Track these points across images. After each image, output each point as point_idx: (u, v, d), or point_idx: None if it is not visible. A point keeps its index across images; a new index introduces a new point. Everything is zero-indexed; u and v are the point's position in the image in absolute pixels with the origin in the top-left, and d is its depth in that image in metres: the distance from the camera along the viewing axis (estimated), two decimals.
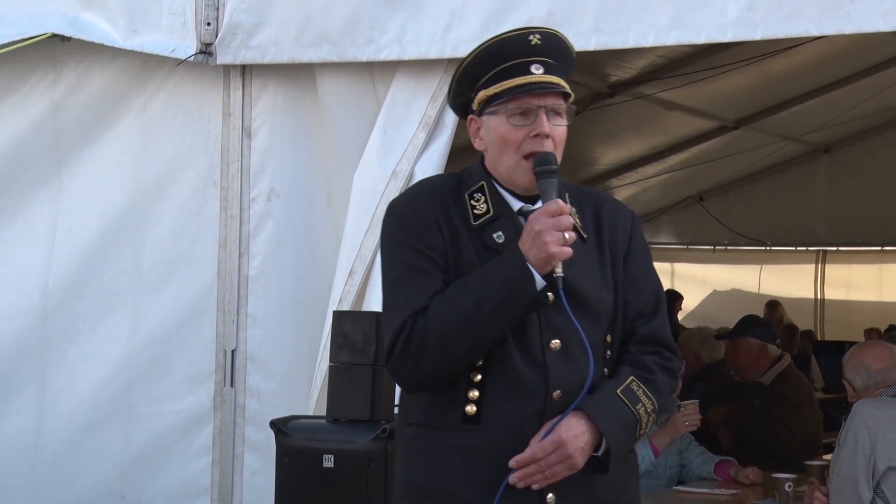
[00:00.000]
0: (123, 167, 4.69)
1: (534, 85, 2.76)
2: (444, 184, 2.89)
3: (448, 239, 2.78)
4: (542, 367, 2.73)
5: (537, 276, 2.68)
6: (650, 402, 2.78)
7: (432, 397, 2.78)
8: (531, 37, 2.79)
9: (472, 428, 2.73)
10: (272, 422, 3.95)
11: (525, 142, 2.77)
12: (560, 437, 2.68)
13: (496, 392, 2.73)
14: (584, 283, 2.78)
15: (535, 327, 2.74)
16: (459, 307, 2.70)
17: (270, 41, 4.43)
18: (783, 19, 3.84)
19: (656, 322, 2.89)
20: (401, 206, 2.87)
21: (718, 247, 12.45)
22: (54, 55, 4.73)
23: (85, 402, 4.70)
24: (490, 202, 2.81)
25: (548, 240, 2.66)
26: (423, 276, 2.75)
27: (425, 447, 2.80)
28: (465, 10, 4.16)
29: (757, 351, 6.43)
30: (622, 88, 7.80)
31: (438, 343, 2.70)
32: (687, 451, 5.60)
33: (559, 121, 2.80)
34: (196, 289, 4.64)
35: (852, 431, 4.45)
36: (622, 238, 2.89)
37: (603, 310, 2.81)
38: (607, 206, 2.93)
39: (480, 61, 2.82)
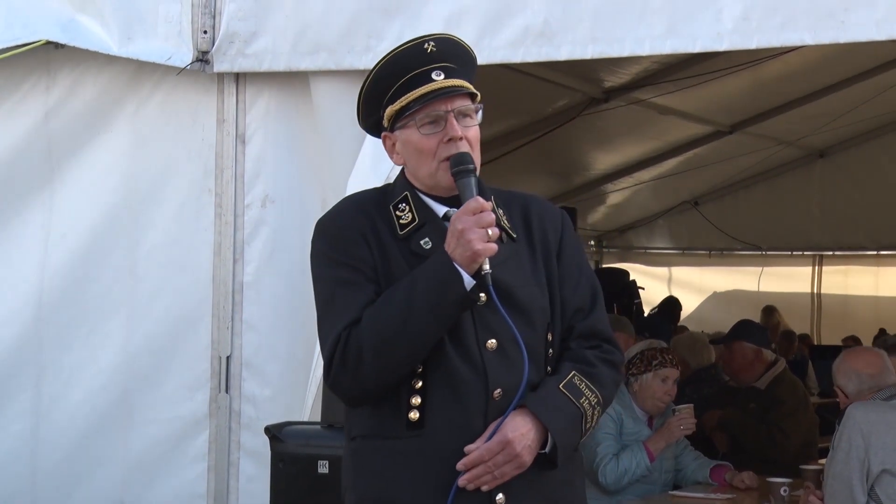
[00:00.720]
0: (117, 174, 4.70)
1: (437, 91, 2.78)
2: (368, 198, 2.92)
3: (376, 251, 2.79)
4: (481, 367, 2.75)
5: (465, 275, 2.70)
6: (594, 394, 2.80)
7: (375, 409, 2.79)
8: (426, 45, 2.82)
9: (417, 433, 2.74)
10: (267, 428, 3.95)
11: (440, 148, 2.79)
12: (506, 436, 2.69)
13: (438, 396, 2.74)
14: (516, 281, 2.80)
15: (471, 328, 2.76)
16: (391, 315, 2.71)
17: (267, 49, 4.44)
18: (778, 28, 3.85)
19: (594, 316, 2.91)
20: (326, 224, 2.89)
21: (714, 251, 12.47)
22: (48, 62, 4.73)
23: (82, 408, 4.70)
24: (414, 210, 2.83)
25: (471, 237, 2.67)
26: (353, 288, 2.76)
27: (372, 458, 2.80)
28: (460, 19, 4.17)
29: (752, 355, 6.44)
30: (617, 93, 7.82)
31: (374, 352, 2.71)
32: (682, 456, 5.60)
33: (469, 122, 2.83)
34: (191, 295, 4.64)
35: (846, 435, 4.46)
36: (553, 236, 2.91)
37: (537, 307, 2.83)
38: (535, 206, 2.95)
39: (382, 78, 2.85)
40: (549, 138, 8.17)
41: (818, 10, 3.78)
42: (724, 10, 3.88)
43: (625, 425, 5.42)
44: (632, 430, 5.41)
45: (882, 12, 3.72)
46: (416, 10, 4.24)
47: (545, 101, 7.84)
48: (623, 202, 11.38)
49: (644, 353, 5.52)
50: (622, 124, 8.57)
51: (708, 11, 3.92)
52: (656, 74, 7.48)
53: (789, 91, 8.46)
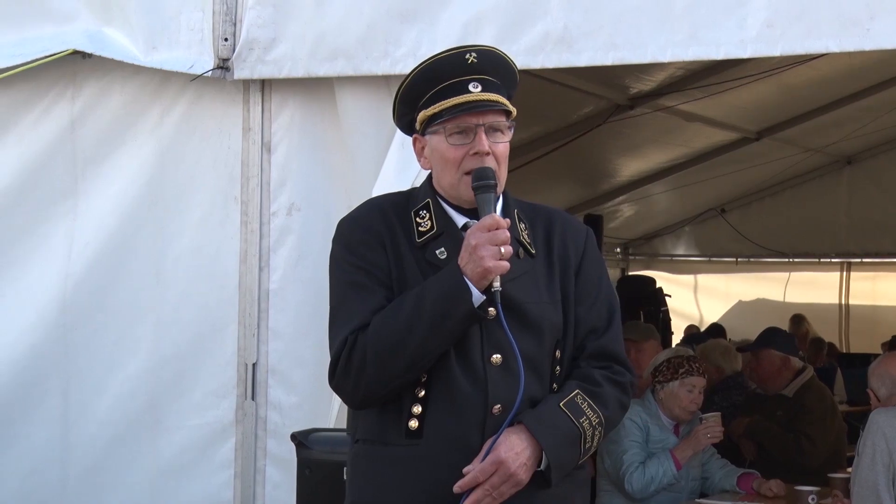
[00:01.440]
0: (143, 182, 4.72)
1: (471, 104, 2.79)
2: (390, 202, 2.93)
3: (392, 256, 2.81)
4: (482, 381, 2.74)
5: (475, 290, 2.70)
6: (596, 414, 2.78)
7: (379, 413, 2.80)
8: (468, 55, 2.83)
9: (415, 442, 2.75)
10: (293, 435, 3.96)
11: (465, 160, 2.80)
12: (499, 456, 2.69)
13: (438, 407, 2.75)
14: (529, 298, 2.80)
15: (477, 342, 2.76)
16: (398, 323, 2.72)
17: (287, 56, 4.46)
18: (802, 36, 3.83)
19: (608, 337, 2.90)
20: (345, 226, 2.91)
21: (741, 259, 12.42)
22: (74, 71, 4.77)
23: (111, 416, 4.73)
24: (434, 219, 2.84)
25: (483, 254, 2.67)
26: (365, 293, 2.78)
27: (370, 463, 2.82)
28: (479, 25, 4.17)
29: (779, 363, 6.41)
30: (642, 100, 7.81)
31: (377, 359, 2.72)
32: (709, 464, 5.58)
33: (500, 137, 2.82)
34: (217, 303, 4.66)
35: (870, 441, 4.45)
36: (574, 254, 2.91)
37: (547, 325, 2.82)
38: (560, 222, 2.94)
39: (420, 81, 2.86)
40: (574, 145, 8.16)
41: (843, 18, 3.76)
42: (748, 16, 3.86)
43: (651, 433, 5.40)
44: (658, 438, 5.39)
45: None
46: (434, 17, 4.25)
47: (571, 108, 7.84)
48: (649, 209, 11.36)
49: (671, 361, 5.50)
50: (648, 131, 8.56)
51: (731, 18, 3.89)
52: (682, 81, 7.46)
53: (816, 97, 8.42)
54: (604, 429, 2.81)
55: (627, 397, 2.91)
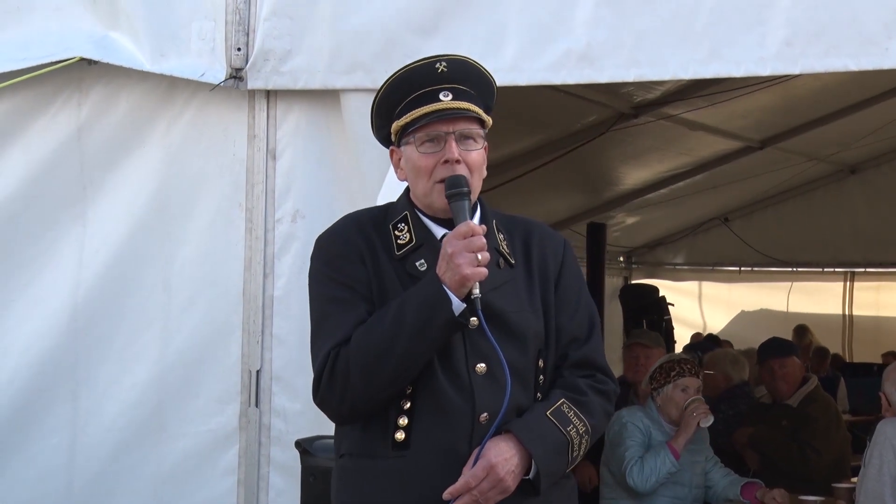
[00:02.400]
0: (149, 189, 4.73)
1: (441, 112, 2.79)
2: (368, 216, 2.94)
3: (371, 270, 2.81)
4: (468, 390, 2.75)
5: (454, 298, 2.70)
6: (582, 423, 2.79)
7: (364, 427, 2.80)
8: (437, 65, 2.84)
9: (402, 454, 2.75)
10: (297, 442, 3.96)
11: (437, 168, 2.80)
12: (490, 461, 2.69)
13: (424, 417, 2.75)
14: (510, 307, 2.81)
15: (461, 351, 2.76)
16: (379, 335, 2.72)
17: (302, 68, 4.47)
18: (822, 55, 3.85)
19: (589, 346, 2.91)
20: (324, 241, 2.92)
21: (744, 268, 12.42)
22: (81, 78, 4.77)
23: (117, 422, 4.73)
24: (413, 231, 2.84)
25: (460, 262, 2.67)
26: (346, 307, 2.78)
27: (357, 476, 2.81)
28: (501, 41, 4.17)
29: (800, 372, 6.40)
30: (646, 109, 7.81)
31: (361, 371, 2.72)
32: (712, 473, 5.58)
33: (472, 145, 2.83)
34: (221, 310, 4.66)
35: (877, 451, 4.45)
36: (553, 264, 2.91)
37: (530, 334, 2.83)
38: (538, 232, 2.95)
39: (392, 92, 2.87)
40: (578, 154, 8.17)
41: (861, 37, 3.78)
42: (768, 35, 3.88)
43: (653, 438, 5.43)
44: (661, 442, 5.40)
45: None
46: (455, 31, 4.25)
47: (575, 116, 7.85)
48: (652, 218, 11.36)
49: (663, 366, 5.57)
50: (652, 140, 8.56)
51: (751, 36, 3.91)
52: (686, 90, 7.47)
53: (820, 107, 8.43)
54: (590, 437, 2.82)
55: (611, 406, 2.93)
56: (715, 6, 3.96)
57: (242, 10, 4.51)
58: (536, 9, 4.15)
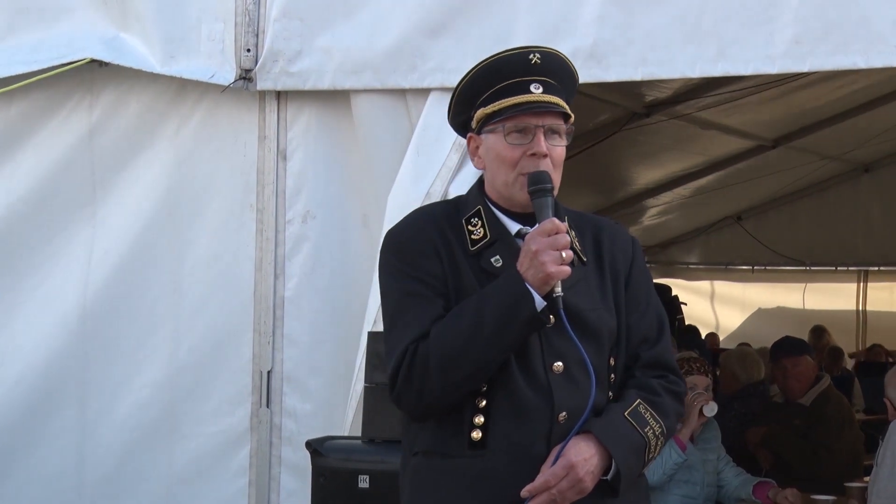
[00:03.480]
0: (160, 190, 4.74)
1: (532, 104, 2.76)
2: (440, 211, 2.90)
3: (447, 265, 2.77)
4: (546, 389, 2.71)
5: (536, 296, 2.67)
6: (658, 424, 2.76)
7: (438, 425, 2.77)
8: (531, 56, 2.79)
9: (479, 453, 2.72)
10: (308, 442, 3.96)
11: (522, 161, 2.76)
12: (570, 460, 2.66)
13: (501, 417, 2.72)
14: (585, 305, 2.78)
15: (537, 350, 2.73)
16: (459, 331, 2.68)
17: (312, 69, 4.48)
18: (830, 53, 3.85)
19: (660, 346, 2.88)
20: (397, 236, 2.87)
21: (757, 267, 12.38)
22: (92, 80, 4.79)
23: (128, 423, 4.74)
24: (487, 226, 2.80)
25: (545, 259, 2.64)
26: (422, 302, 2.74)
27: (432, 475, 2.78)
28: (509, 39, 4.16)
29: (812, 371, 6.38)
30: (658, 108, 7.79)
31: (440, 368, 2.68)
32: (725, 472, 5.56)
33: (557, 141, 2.79)
34: (233, 310, 4.67)
35: (890, 451, 4.43)
36: (623, 262, 2.88)
37: (605, 332, 2.80)
38: (608, 230, 2.92)
39: (480, 79, 2.82)
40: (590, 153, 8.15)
41: (870, 35, 3.78)
42: (776, 33, 3.87)
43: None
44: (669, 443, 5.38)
45: None
46: (464, 32, 4.26)
47: (587, 115, 7.83)
48: (665, 217, 11.34)
49: None
50: (664, 139, 8.54)
51: (759, 34, 3.90)
52: (698, 89, 7.44)
53: (833, 106, 8.40)
54: (665, 438, 2.79)
55: (682, 407, 2.90)
56: (723, 4, 3.95)
57: (252, 12, 4.52)
58: (544, 8, 4.16)
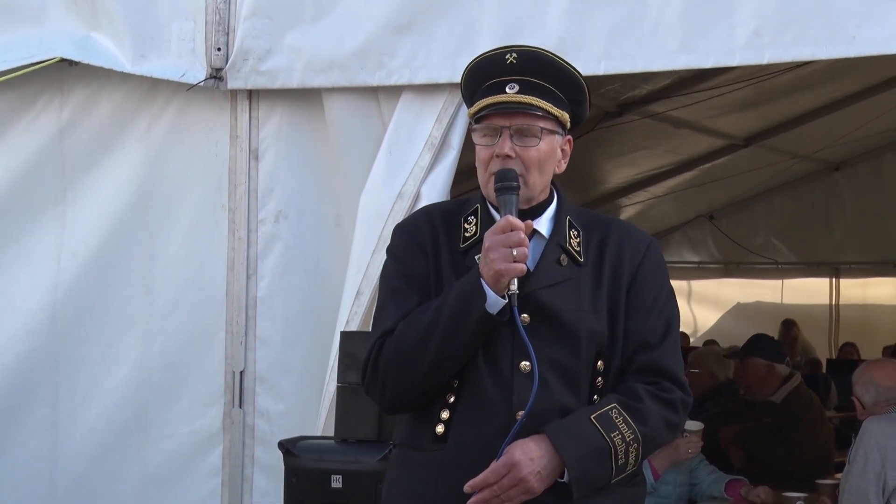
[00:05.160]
0: (130, 190, 4.72)
1: (499, 105, 2.77)
2: (441, 208, 2.95)
3: (432, 264, 2.81)
4: (508, 387, 2.72)
5: (491, 294, 2.67)
6: (630, 430, 2.70)
7: (414, 419, 2.81)
8: (507, 56, 2.79)
9: (441, 447, 2.74)
10: (280, 443, 3.96)
11: (491, 161, 2.79)
12: (513, 458, 2.64)
13: (464, 412, 2.74)
14: (564, 304, 2.76)
15: (508, 349, 2.73)
16: (418, 327, 2.72)
17: (281, 67, 4.47)
18: (789, 44, 3.87)
19: (659, 352, 2.81)
20: (395, 232, 2.94)
21: (731, 265, 12.44)
22: (62, 79, 4.76)
23: (99, 424, 4.72)
24: (479, 224, 2.82)
25: (493, 256, 2.65)
26: (401, 298, 2.79)
27: (402, 467, 2.83)
28: (475, 36, 4.18)
29: (764, 371, 6.43)
30: (631, 107, 7.81)
31: (399, 362, 2.73)
32: (697, 470, 5.58)
33: (530, 141, 2.78)
34: (205, 311, 4.65)
35: (862, 449, 4.45)
36: (628, 265, 2.84)
37: (584, 334, 2.77)
38: (616, 233, 2.89)
39: (468, 80, 2.88)
40: None
41: (829, 26, 3.80)
42: (738, 25, 3.90)
43: None
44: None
45: (892, 28, 3.74)
46: (430, 29, 4.26)
47: None
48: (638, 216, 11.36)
49: None
50: (637, 138, 8.56)
51: (721, 27, 3.93)
52: (670, 88, 7.48)
53: (804, 104, 8.44)
54: (641, 446, 2.72)
55: (676, 415, 2.80)
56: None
57: (222, 10, 4.50)
58: (510, 4, 4.17)
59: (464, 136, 4.34)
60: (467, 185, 3.22)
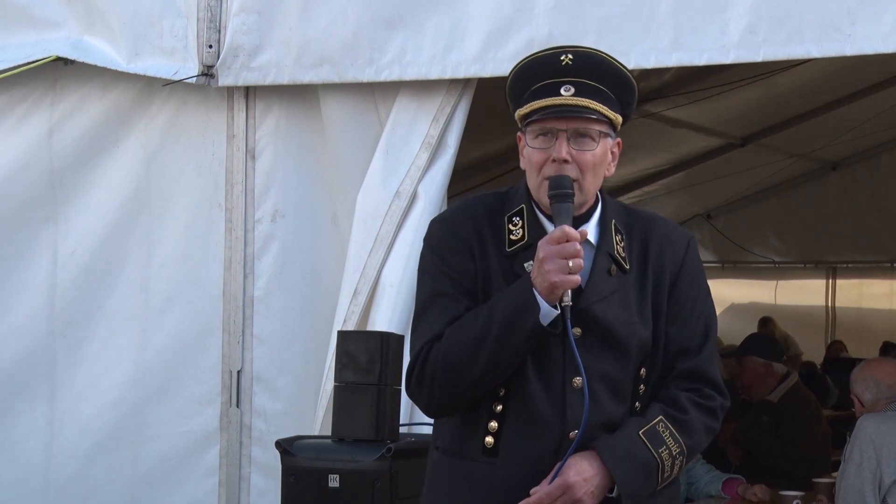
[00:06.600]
0: (128, 190, 4.71)
1: (556, 108, 2.70)
2: (484, 205, 2.84)
3: (480, 265, 2.74)
4: (561, 404, 2.69)
5: (545, 305, 2.62)
6: (676, 444, 2.70)
7: (458, 424, 2.77)
8: (563, 56, 2.73)
9: (490, 461, 2.72)
10: (277, 442, 3.95)
11: (545, 165, 2.72)
12: (567, 480, 2.63)
13: (514, 426, 2.71)
14: (617, 317, 2.72)
15: (560, 363, 2.70)
16: (468, 335, 2.67)
17: (271, 63, 4.46)
18: (784, 41, 3.85)
19: (700, 358, 2.79)
20: (436, 228, 2.85)
21: (727, 264, 12.44)
22: (55, 78, 4.76)
23: (95, 423, 4.72)
24: (526, 228, 2.76)
25: (549, 268, 2.60)
26: (446, 301, 2.73)
27: (445, 473, 2.79)
28: (465, 31, 4.18)
29: (762, 370, 6.43)
30: None
31: (446, 371, 2.68)
32: (694, 469, 5.59)
33: (588, 144, 2.72)
34: (201, 310, 4.65)
35: (857, 446, 4.46)
36: (670, 268, 2.80)
37: (634, 345, 2.73)
38: (658, 232, 2.84)
39: (517, 80, 2.79)
40: None
41: (825, 23, 3.79)
42: (731, 22, 3.88)
43: None
44: None
45: (888, 26, 3.73)
46: (420, 23, 4.25)
47: None
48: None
49: None
50: (633, 137, 8.54)
51: (714, 24, 3.91)
52: (668, 87, 7.47)
53: (801, 103, 8.44)
54: (685, 458, 2.73)
55: (716, 422, 2.80)
56: None
57: (214, 7, 4.50)
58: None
59: (461, 135, 4.34)
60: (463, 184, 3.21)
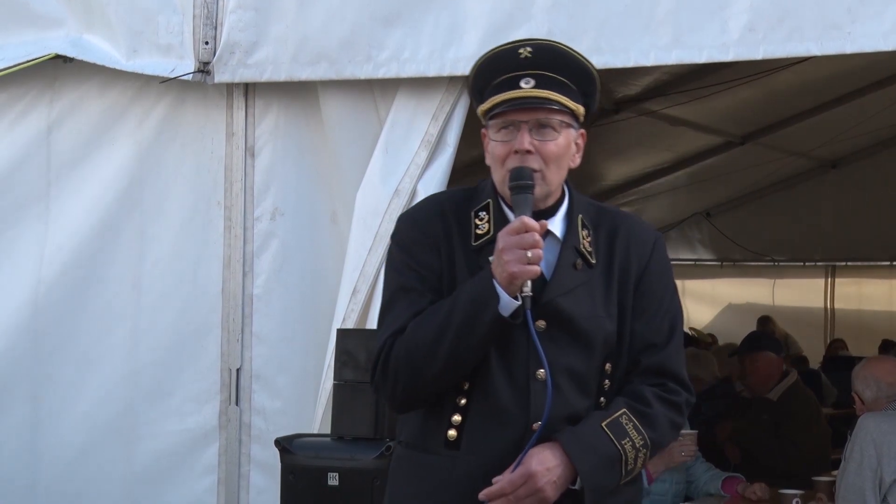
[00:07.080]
0: (121, 187, 4.70)
1: (516, 100, 2.70)
2: (451, 201, 2.84)
3: (445, 259, 2.74)
4: (525, 397, 2.68)
5: (505, 296, 2.62)
6: (640, 436, 2.69)
7: (422, 418, 2.76)
8: (521, 49, 2.73)
9: (453, 454, 2.71)
10: (277, 440, 3.96)
11: (508, 158, 2.71)
12: (530, 469, 2.62)
13: (477, 419, 2.70)
14: (582, 311, 2.72)
15: (524, 356, 2.69)
16: (429, 327, 2.67)
17: (268, 59, 4.45)
18: (784, 39, 3.85)
19: (665, 353, 2.79)
20: (402, 223, 2.86)
21: (726, 263, 12.45)
22: (54, 76, 4.75)
23: (83, 422, 4.69)
24: (492, 222, 2.75)
25: (508, 259, 2.59)
26: (412, 296, 2.73)
27: (408, 467, 2.79)
28: (463, 28, 4.17)
29: (777, 364, 6.41)
30: (627, 105, 7.81)
31: (409, 363, 2.68)
32: (694, 468, 5.58)
33: (550, 134, 2.71)
34: (200, 308, 4.64)
35: (858, 445, 4.45)
36: (636, 264, 2.80)
37: (600, 339, 2.74)
38: (625, 228, 2.83)
39: (478, 75, 2.80)
40: None
41: (825, 21, 3.78)
42: (731, 20, 3.88)
43: None
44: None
45: (889, 24, 3.72)
46: (418, 20, 4.24)
47: None
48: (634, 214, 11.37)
49: None
50: (633, 135, 8.56)
51: (714, 22, 3.91)
52: (667, 85, 7.47)
53: (801, 102, 8.44)
54: (649, 451, 2.72)
55: (681, 416, 2.81)
56: None
57: (210, 4, 4.49)
58: None
59: (460, 133, 4.34)
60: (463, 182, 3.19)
